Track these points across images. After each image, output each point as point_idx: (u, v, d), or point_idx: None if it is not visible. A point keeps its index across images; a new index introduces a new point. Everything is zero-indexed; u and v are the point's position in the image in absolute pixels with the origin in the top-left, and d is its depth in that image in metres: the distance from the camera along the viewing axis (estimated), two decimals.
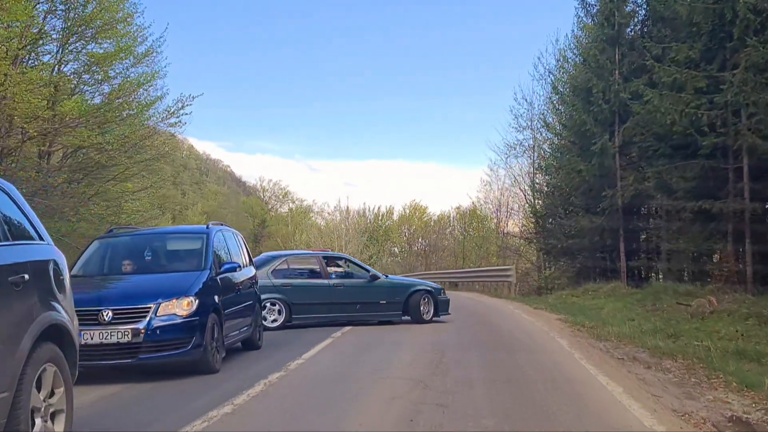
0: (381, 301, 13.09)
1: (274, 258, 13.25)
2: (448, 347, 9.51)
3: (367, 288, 13.07)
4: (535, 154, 33.47)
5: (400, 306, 13.09)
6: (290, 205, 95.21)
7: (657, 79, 16.68)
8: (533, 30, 76.17)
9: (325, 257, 13.63)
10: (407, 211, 73.76)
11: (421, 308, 13.04)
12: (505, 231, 36.48)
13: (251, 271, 9.79)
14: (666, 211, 17.89)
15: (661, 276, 19.34)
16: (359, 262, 14.51)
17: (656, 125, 15.74)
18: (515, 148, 33.17)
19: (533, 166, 33.34)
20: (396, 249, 70.28)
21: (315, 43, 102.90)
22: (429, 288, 13.54)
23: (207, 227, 8.73)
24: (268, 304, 11.87)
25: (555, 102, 26.85)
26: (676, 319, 11.88)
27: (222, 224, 9.47)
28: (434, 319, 13.29)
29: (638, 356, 8.29)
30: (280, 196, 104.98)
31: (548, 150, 28.88)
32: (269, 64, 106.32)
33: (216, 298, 7.84)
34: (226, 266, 8.38)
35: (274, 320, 12.13)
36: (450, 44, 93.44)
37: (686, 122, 14.75)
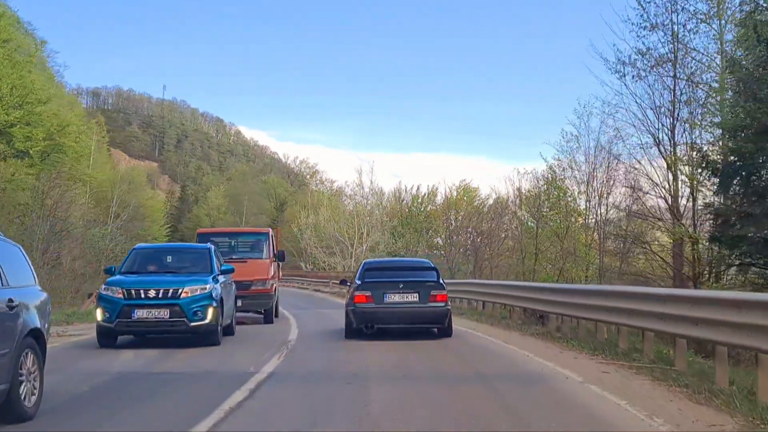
0: None
1: None
2: None
3: None
4: (679, 71, 17.89)
5: None
6: (317, 186, 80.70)
7: None
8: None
9: None
10: (454, 194, 57.03)
11: None
12: (625, 206, 20.51)
13: None
14: None
15: None
16: None
17: None
18: (635, 64, 17.60)
19: (675, 87, 17.63)
20: (439, 240, 54.77)
21: (354, 41, 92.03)
22: None
23: None
24: None
25: None
26: None
27: None
28: None
29: None
30: (308, 176, 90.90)
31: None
32: (323, 58, 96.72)
33: None
34: None
35: None
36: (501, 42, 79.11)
37: None
